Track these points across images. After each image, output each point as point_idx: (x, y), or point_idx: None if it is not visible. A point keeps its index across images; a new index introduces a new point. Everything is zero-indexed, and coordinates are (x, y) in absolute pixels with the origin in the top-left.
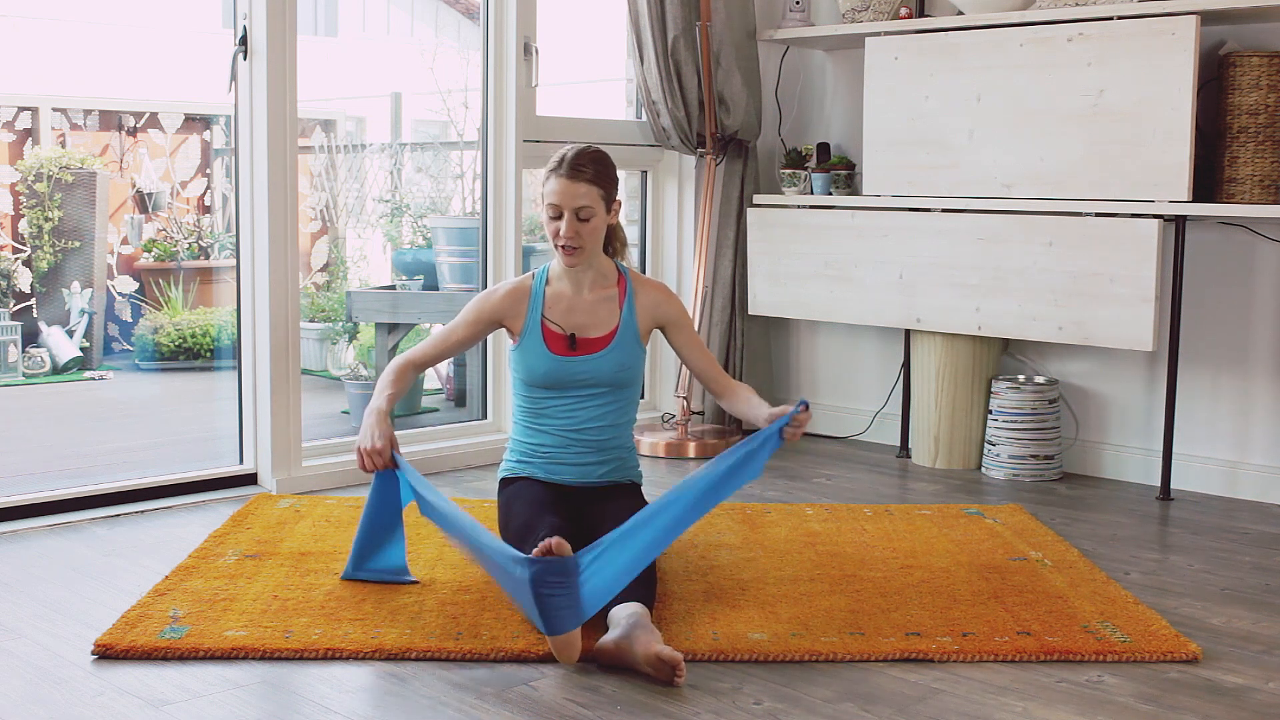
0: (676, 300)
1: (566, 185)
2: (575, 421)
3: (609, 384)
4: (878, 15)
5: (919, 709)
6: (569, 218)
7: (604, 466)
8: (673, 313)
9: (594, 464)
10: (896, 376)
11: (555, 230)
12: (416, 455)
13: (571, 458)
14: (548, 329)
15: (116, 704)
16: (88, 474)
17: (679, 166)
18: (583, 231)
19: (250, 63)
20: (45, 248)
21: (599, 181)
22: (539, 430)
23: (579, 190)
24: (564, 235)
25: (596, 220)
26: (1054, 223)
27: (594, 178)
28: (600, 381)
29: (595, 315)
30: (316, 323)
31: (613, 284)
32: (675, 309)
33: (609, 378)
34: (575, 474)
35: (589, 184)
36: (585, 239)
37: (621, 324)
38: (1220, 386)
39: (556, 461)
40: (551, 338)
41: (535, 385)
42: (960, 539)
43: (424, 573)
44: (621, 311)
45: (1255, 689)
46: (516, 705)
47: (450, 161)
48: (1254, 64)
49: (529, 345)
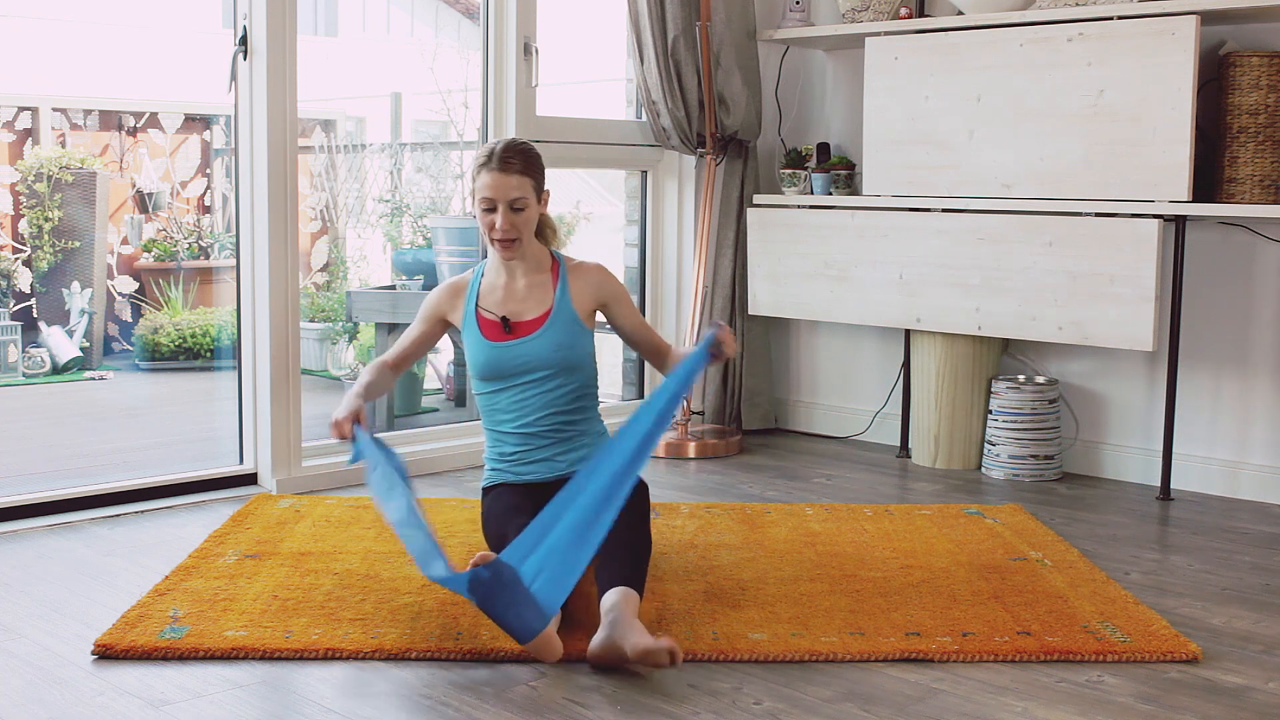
0: (613, 278)
1: (499, 178)
2: (528, 413)
3: (551, 366)
4: (878, 15)
5: (919, 709)
6: (503, 210)
7: (569, 455)
8: (610, 290)
9: (558, 455)
10: (896, 376)
11: (490, 223)
12: (416, 455)
13: (534, 454)
14: (482, 317)
15: (116, 704)
16: (88, 474)
17: (679, 166)
18: (517, 222)
19: (250, 63)
20: (45, 248)
21: (529, 172)
22: (499, 433)
23: (511, 183)
24: (499, 228)
25: (529, 211)
26: (1054, 223)
27: (524, 169)
28: (541, 364)
29: (528, 300)
30: (316, 323)
31: (546, 270)
32: (612, 286)
33: (549, 359)
34: (543, 470)
35: (520, 175)
36: (520, 229)
37: (555, 305)
38: (1220, 386)
39: (522, 461)
40: (486, 325)
41: (480, 377)
42: (960, 539)
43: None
44: (555, 293)
45: (1255, 689)
46: (516, 705)
47: (450, 161)
48: (1254, 64)
49: (468, 337)
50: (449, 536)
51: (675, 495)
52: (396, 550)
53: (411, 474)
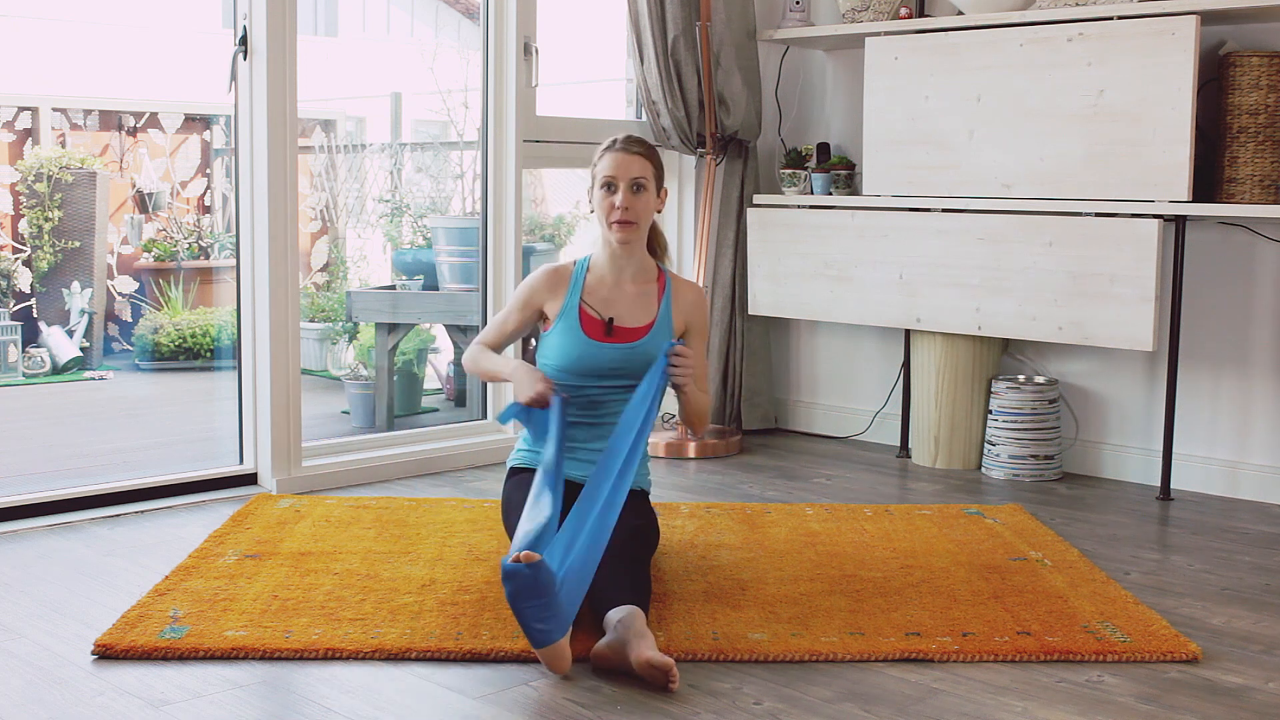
0: (705, 307)
1: (622, 158)
2: (596, 413)
3: (638, 377)
4: (878, 15)
5: (919, 709)
6: (624, 189)
7: None
8: (698, 321)
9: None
10: (896, 376)
11: (610, 205)
12: (416, 455)
13: (584, 454)
14: (585, 312)
15: (116, 704)
16: (88, 474)
17: (679, 166)
18: (636, 205)
19: (250, 63)
20: (45, 248)
21: (652, 158)
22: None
23: (634, 163)
24: (620, 205)
25: (648, 196)
26: (1054, 223)
27: (648, 154)
28: (630, 373)
29: (634, 306)
30: (316, 323)
31: (653, 280)
32: (702, 318)
33: (641, 369)
34: (585, 469)
35: (643, 159)
36: (639, 213)
37: (659, 317)
38: (1220, 386)
39: (569, 456)
40: (588, 321)
41: (565, 370)
42: (960, 539)
43: (424, 572)
44: (660, 306)
45: (1255, 689)
46: (516, 705)
47: (450, 161)
48: (1254, 64)
49: (564, 326)
50: (449, 537)
51: (675, 495)
52: (397, 550)
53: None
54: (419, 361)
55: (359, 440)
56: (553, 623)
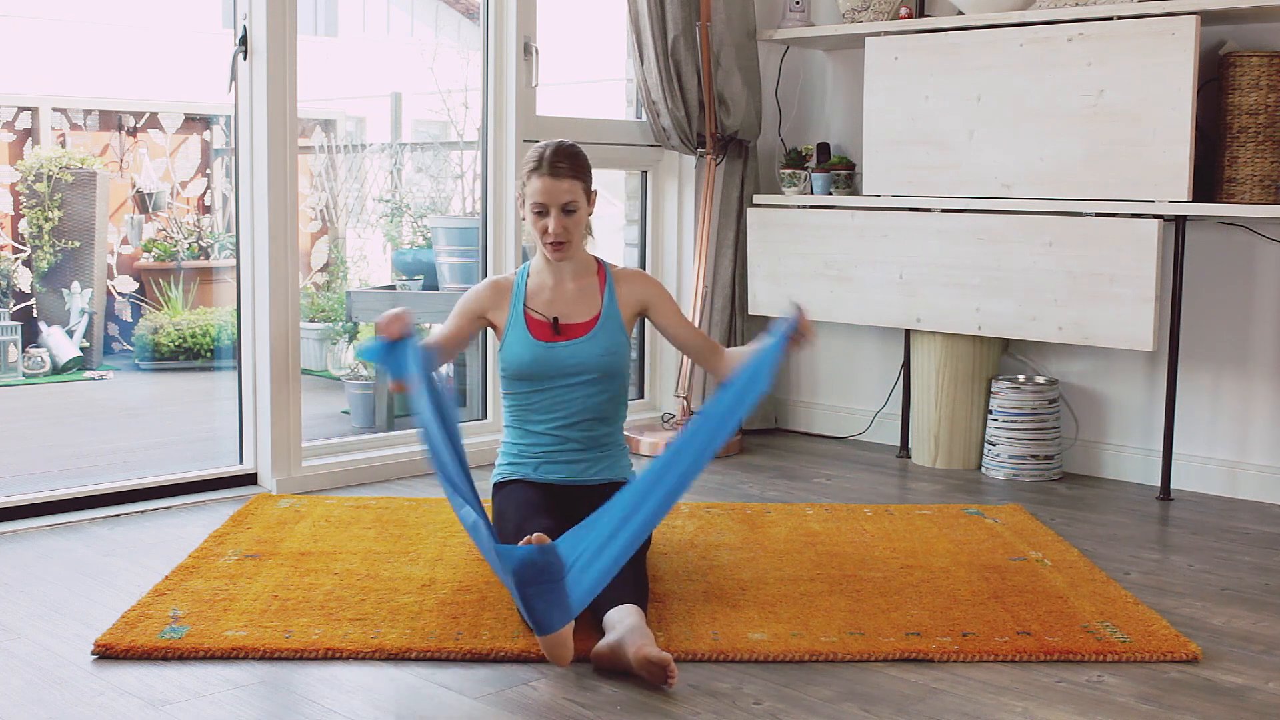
0: (655, 282)
1: (550, 184)
2: (564, 415)
3: (596, 370)
4: (878, 15)
5: (919, 709)
6: (556, 214)
7: (597, 465)
8: (653, 293)
9: (587, 461)
10: (896, 376)
11: (543, 228)
12: (417, 455)
13: (563, 455)
14: (531, 317)
15: (116, 704)
16: (88, 474)
17: (679, 166)
18: (569, 226)
19: (250, 63)
20: (45, 248)
21: (579, 175)
22: (529, 430)
23: (563, 187)
24: (553, 232)
25: (580, 213)
26: (1054, 223)
27: (574, 172)
28: (587, 367)
29: (577, 303)
30: (316, 323)
31: (592, 273)
32: (654, 289)
33: (595, 363)
34: (568, 472)
35: (571, 179)
36: (572, 233)
37: (604, 310)
38: (1220, 386)
39: (548, 461)
40: (535, 325)
41: (522, 377)
42: (960, 539)
43: (424, 572)
44: (603, 298)
45: (1255, 689)
46: (516, 705)
47: (450, 161)
48: (1254, 64)
49: (514, 336)
50: (449, 537)
51: None
52: (397, 550)
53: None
54: None
55: (359, 440)
56: (558, 609)
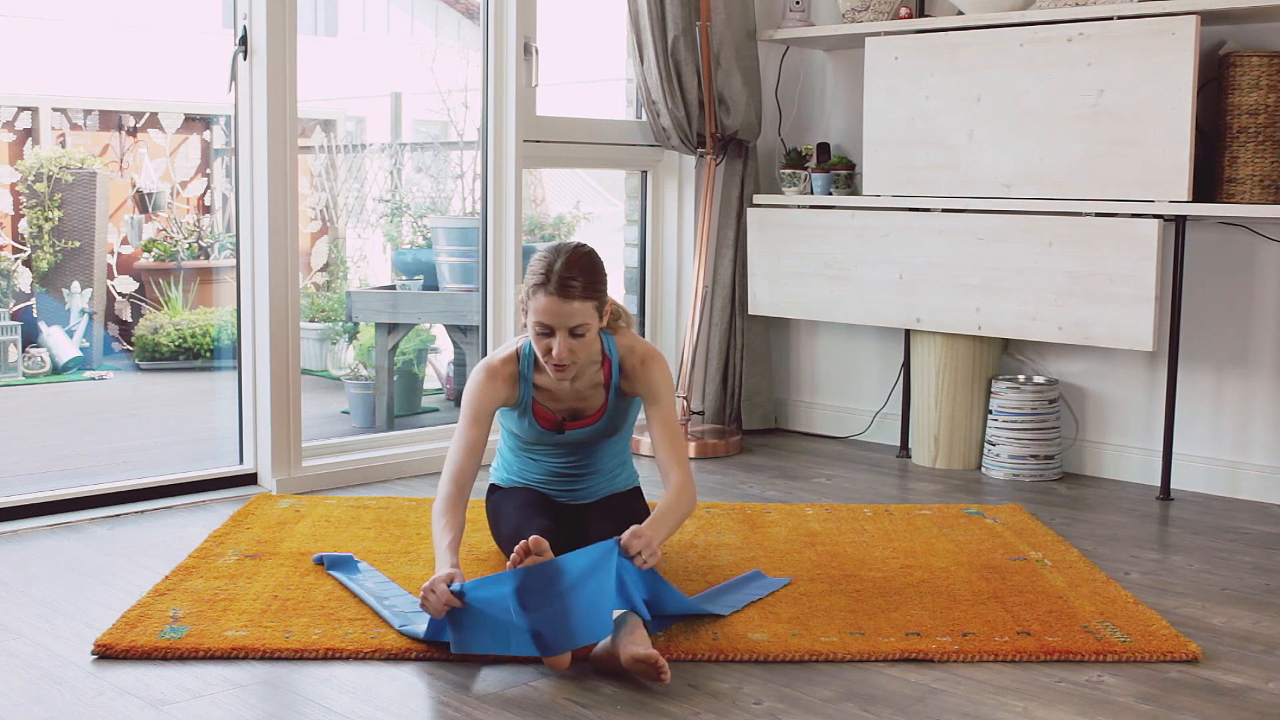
0: (656, 371)
1: (558, 305)
2: (567, 463)
3: (601, 437)
4: (878, 15)
5: (919, 709)
6: (562, 337)
7: (597, 486)
8: (651, 386)
9: (587, 487)
10: (896, 376)
11: (546, 348)
12: (417, 455)
13: (564, 485)
14: (539, 410)
15: (116, 704)
16: (88, 474)
17: (679, 166)
18: (576, 348)
19: (250, 63)
20: (45, 248)
21: (592, 294)
22: (530, 458)
23: (572, 309)
24: (557, 355)
25: (590, 334)
26: (1054, 223)
27: (586, 292)
28: (592, 439)
29: (583, 400)
30: (316, 323)
31: (598, 362)
32: (652, 381)
33: (600, 437)
34: (569, 496)
35: (583, 299)
36: (579, 355)
37: (609, 405)
38: (1220, 386)
39: (549, 486)
40: (543, 417)
41: (530, 444)
42: (960, 539)
43: (424, 572)
44: (608, 395)
45: (1255, 689)
46: (516, 705)
47: (450, 161)
48: (1254, 64)
49: (521, 419)
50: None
51: None
52: (396, 550)
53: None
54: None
55: (359, 440)
56: (560, 627)
